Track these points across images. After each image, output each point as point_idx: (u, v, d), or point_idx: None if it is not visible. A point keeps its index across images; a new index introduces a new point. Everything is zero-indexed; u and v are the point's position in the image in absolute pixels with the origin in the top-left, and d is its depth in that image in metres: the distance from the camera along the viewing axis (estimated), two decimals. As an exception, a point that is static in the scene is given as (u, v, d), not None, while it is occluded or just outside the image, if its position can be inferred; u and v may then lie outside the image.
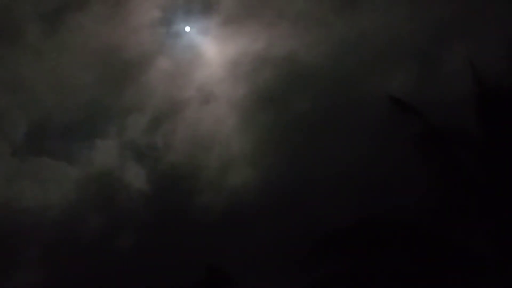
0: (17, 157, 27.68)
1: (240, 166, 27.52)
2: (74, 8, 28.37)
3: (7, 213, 24.68)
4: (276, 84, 28.08)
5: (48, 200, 26.54)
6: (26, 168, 27.66)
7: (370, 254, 13.06)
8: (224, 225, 24.05)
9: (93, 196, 27.37)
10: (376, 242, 12.84)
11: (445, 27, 25.16)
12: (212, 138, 28.54)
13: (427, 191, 12.99)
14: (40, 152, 28.34)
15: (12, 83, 28.17)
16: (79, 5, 28.38)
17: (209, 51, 29.80)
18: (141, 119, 28.97)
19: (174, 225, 24.84)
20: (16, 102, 28.22)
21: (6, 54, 27.97)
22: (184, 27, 30.01)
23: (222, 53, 29.63)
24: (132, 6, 29.27)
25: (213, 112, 29.17)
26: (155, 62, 29.53)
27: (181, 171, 27.51)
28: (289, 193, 23.98)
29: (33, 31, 28.10)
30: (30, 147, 28.39)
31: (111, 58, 29.38)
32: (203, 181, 27.22)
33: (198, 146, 28.45)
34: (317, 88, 27.33)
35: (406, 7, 27.15)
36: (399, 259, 12.97)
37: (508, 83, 13.12)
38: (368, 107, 22.20)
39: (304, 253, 13.23)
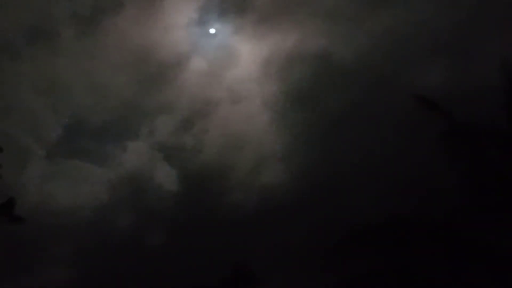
0: (50, 159, 28.12)
1: (271, 165, 27.72)
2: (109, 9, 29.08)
3: (41, 213, 25.00)
4: (307, 82, 28.20)
5: (80, 201, 27.24)
6: (59, 169, 28.25)
7: (397, 253, 12.93)
8: (252, 224, 24.24)
9: (124, 197, 27.90)
10: (403, 241, 12.70)
11: (475, 23, 24.65)
12: (244, 137, 28.88)
13: (455, 189, 12.76)
14: (73, 154, 28.98)
15: (47, 85, 28.75)
16: (114, 7, 29.04)
17: (241, 50, 30.05)
18: (173, 120, 29.49)
19: (202, 225, 25.16)
20: (50, 103, 28.77)
21: (41, 56, 28.66)
22: (217, 27, 30.43)
23: (254, 51, 29.79)
24: (166, 7, 29.83)
25: (245, 111, 29.43)
26: (188, 62, 30.03)
27: (212, 171, 27.89)
28: (318, 191, 23.94)
29: (67, 33, 28.79)
30: (63, 149, 28.91)
31: (144, 59, 29.94)
32: (234, 180, 27.56)
33: (230, 146, 28.80)
34: (348, 85, 27.31)
35: (435, 3, 26.79)
36: (427, 258, 12.77)
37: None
38: (397, 104, 21.95)
39: (330, 251, 13.18)
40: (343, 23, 28.84)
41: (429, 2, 26.97)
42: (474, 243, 12.43)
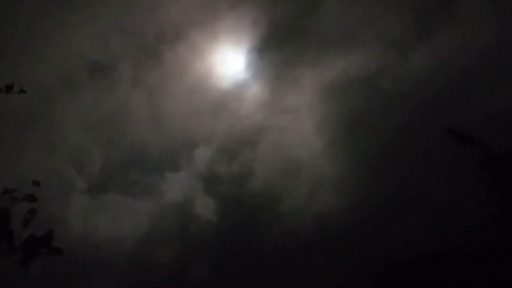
0: (92, 193, 28.82)
1: (324, 191, 27.40)
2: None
3: (83, 246, 25.58)
4: (360, 106, 28.23)
5: (121, 233, 27.49)
6: (100, 203, 28.80)
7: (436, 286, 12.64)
8: (300, 254, 23.81)
9: (166, 228, 28.03)
10: (442, 274, 12.42)
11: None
12: (295, 164, 28.69)
13: (493, 221, 12.45)
14: (114, 188, 29.70)
15: (94, 119, 29.65)
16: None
17: (294, 76, 30.53)
18: (220, 148, 29.87)
19: (249, 256, 24.92)
20: (93, 139, 29.79)
21: (98, 90, 29.69)
22: (272, 54, 31.08)
23: (309, 78, 30.21)
24: (225, 36, 30.67)
25: (296, 137, 29.46)
26: (244, 89, 30.81)
27: (260, 201, 27.61)
28: (365, 220, 23.28)
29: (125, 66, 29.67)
30: (104, 183, 29.72)
31: (201, 89, 30.68)
32: (283, 210, 27.11)
33: (281, 173, 28.58)
34: (400, 112, 27.13)
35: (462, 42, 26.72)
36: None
37: None
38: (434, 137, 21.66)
39: (375, 281, 13.06)
40: (391, 49, 29.08)
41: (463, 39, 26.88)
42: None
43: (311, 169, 28.27)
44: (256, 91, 30.46)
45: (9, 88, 8.09)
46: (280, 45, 30.93)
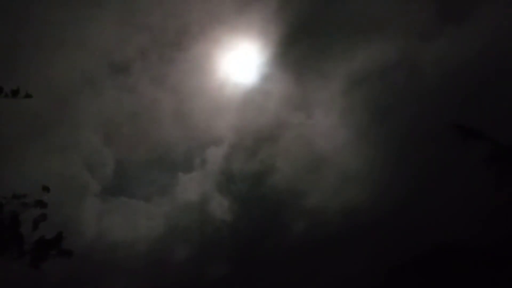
0: (106, 194, 29.10)
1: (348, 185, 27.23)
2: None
3: (98, 248, 25.83)
4: (384, 99, 28.21)
5: (137, 234, 27.58)
6: (115, 204, 29.03)
7: (445, 280, 12.62)
8: (321, 249, 23.77)
9: (183, 228, 27.99)
10: (450, 268, 12.41)
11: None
12: (320, 158, 28.55)
13: (502, 214, 12.39)
14: (127, 189, 30.03)
15: (103, 123, 29.84)
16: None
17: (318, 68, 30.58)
18: (240, 145, 29.93)
19: (271, 252, 24.90)
20: (105, 141, 30.05)
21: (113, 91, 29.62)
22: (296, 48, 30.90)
23: (333, 69, 30.40)
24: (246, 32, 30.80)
25: (321, 131, 29.39)
26: (267, 84, 31.03)
27: (283, 197, 27.45)
28: (387, 213, 23.07)
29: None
30: (118, 184, 30.14)
31: (219, 86, 30.78)
32: (306, 206, 26.88)
33: (305, 168, 28.50)
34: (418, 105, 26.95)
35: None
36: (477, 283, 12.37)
37: None
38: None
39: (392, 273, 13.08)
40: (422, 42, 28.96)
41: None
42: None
43: (336, 164, 27.96)
44: (279, 86, 30.28)
45: (15, 93, 8.25)
46: (303, 39, 30.82)
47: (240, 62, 30.92)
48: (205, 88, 30.52)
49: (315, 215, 25.95)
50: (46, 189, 8.94)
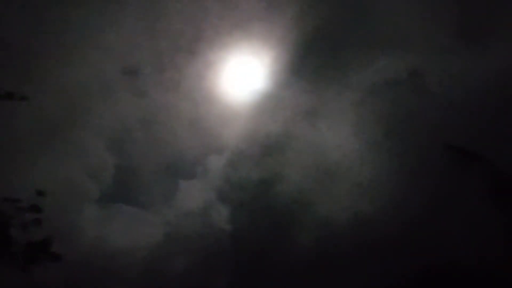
0: (105, 202, 28.48)
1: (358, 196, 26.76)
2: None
3: (99, 253, 25.56)
4: (398, 109, 27.85)
5: (136, 241, 27.15)
6: (114, 212, 28.52)
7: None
8: (325, 265, 23.59)
9: (184, 237, 27.58)
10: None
11: None
12: (331, 169, 28.03)
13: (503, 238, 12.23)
14: (127, 196, 29.43)
15: (109, 127, 29.42)
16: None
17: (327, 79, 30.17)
18: (248, 152, 29.32)
19: (273, 266, 24.61)
20: (106, 147, 29.33)
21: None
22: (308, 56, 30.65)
23: (343, 80, 29.81)
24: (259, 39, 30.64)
25: (332, 140, 28.84)
26: (278, 93, 30.38)
27: (292, 208, 27.03)
28: (399, 228, 23.03)
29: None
30: (118, 191, 29.30)
31: (223, 93, 30.67)
32: (314, 217, 26.43)
33: (315, 178, 27.89)
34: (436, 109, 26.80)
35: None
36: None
37: None
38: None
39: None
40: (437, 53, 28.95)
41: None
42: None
43: (346, 175, 27.46)
44: (292, 93, 30.12)
45: (10, 95, 8.31)
46: (320, 48, 30.59)
47: (254, 69, 30.88)
48: (217, 94, 30.46)
49: (324, 227, 25.67)
50: (41, 193, 8.94)
